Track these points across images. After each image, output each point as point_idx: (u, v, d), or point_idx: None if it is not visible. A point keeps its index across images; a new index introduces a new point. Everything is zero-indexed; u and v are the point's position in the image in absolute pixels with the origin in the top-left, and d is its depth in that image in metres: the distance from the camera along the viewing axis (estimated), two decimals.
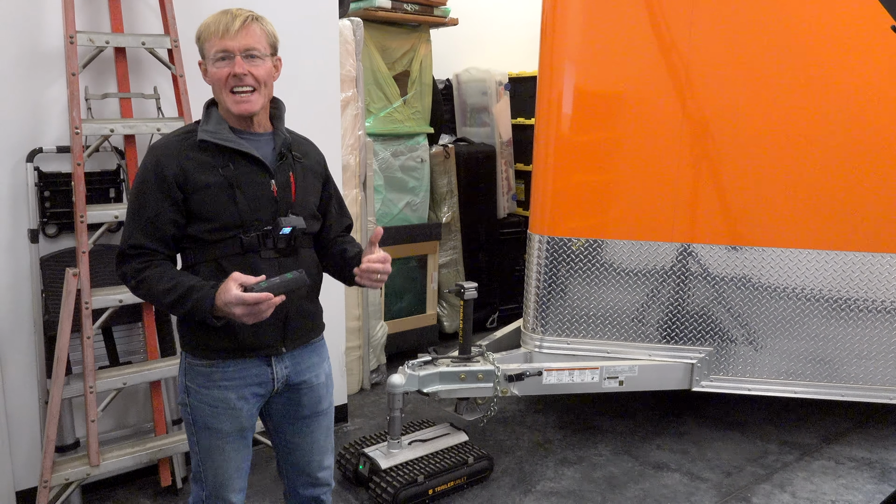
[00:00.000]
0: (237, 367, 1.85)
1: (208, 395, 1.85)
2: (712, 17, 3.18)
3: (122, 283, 2.85)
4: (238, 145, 1.78)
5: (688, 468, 3.30)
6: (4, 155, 2.70)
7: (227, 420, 1.87)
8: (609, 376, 3.33)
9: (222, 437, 1.87)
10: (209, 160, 1.76)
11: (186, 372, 1.87)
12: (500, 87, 5.24)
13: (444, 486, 3.00)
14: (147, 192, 1.74)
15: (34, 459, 2.82)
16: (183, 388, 1.89)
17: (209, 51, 1.75)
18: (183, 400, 1.90)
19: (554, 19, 3.30)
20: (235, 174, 1.77)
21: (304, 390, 1.96)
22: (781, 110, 3.21)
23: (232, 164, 1.77)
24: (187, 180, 1.74)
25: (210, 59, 1.76)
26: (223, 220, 1.77)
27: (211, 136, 1.76)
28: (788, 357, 3.36)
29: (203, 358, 1.84)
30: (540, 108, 3.38)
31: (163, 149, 1.76)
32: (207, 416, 1.86)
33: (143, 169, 1.77)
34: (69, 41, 2.63)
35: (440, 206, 4.82)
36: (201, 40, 1.77)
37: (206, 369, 1.84)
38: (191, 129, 1.81)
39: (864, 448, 3.49)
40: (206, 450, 1.89)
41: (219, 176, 1.75)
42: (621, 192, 3.36)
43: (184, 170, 1.74)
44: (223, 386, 1.84)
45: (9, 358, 2.76)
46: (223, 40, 1.73)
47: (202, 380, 1.85)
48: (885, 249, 3.24)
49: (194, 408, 1.86)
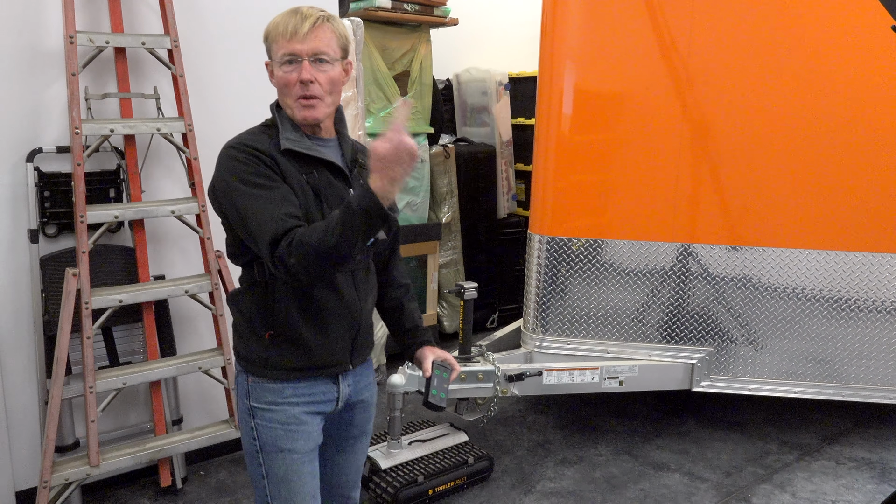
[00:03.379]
0: (307, 384, 1.72)
1: (280, 413, 1.70)
2: (712, 16, 3.18)
3: (122, 284, 2.87)
4: (321, 154, 1.66)
5: (688, 468, 3.30)
6: (4, 155, 2.70)
7: (302, 438, 1.72)
8: (609, 376, 3.32)
9: (299, 458, 1.72)
10: (293, 167, 1.62)
11: (250, 392, 1.71)
12: (500, 87, 5.24)
13: (444, 486, 3.00)
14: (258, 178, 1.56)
15: (34, 459, 2.82)
16: (246, 411, 1.72)
17: (276, 53, 1.62)
18: (246, 425, 1.73)
19: (554, 19, 3.30)
20: (318, 183, 1.64)
21: (358, 409, 1.86)
22: (781, 110, 3.21)
23: (315, 171, 1.65)
24: (283, 173, 1.60)
25: (276, 62, 1.63)
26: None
27: (294, 145, 1.62)
28: (788, 357, 3.36)
29: (273, 379, 1.70)
30: (540, 108, 3.38)
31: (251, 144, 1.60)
32: (280, 437, 1.70)
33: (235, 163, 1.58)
34: (69, 41, 2.63)
35: (440, 206, 4.82)
36: (269, 41, 1.64)
37: (275, 385, 1.69)
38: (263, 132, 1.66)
39: (865, 448, 3.49)
40: (280, 477, 1.72)
41: (305, 185, 1.62)
42: (621, 192, 3.36)
43: (278, 163, 1.60)
44: (294, 402, 1.71)
45: (9, 358, 2.76)
46: (291, 43, 1.59)
47: (272, 396, 1.69)
48: (885, 249, 3.24)
49: (262, 430, 1.70)
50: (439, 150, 4.75)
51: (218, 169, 1.62)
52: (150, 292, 2.84)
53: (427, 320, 4.71)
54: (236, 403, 1.78)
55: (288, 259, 1.48)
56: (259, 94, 3.10)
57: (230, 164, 1.59)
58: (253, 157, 1.58)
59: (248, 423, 1.72)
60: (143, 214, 2.84)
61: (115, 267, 2.92)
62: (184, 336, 3.14)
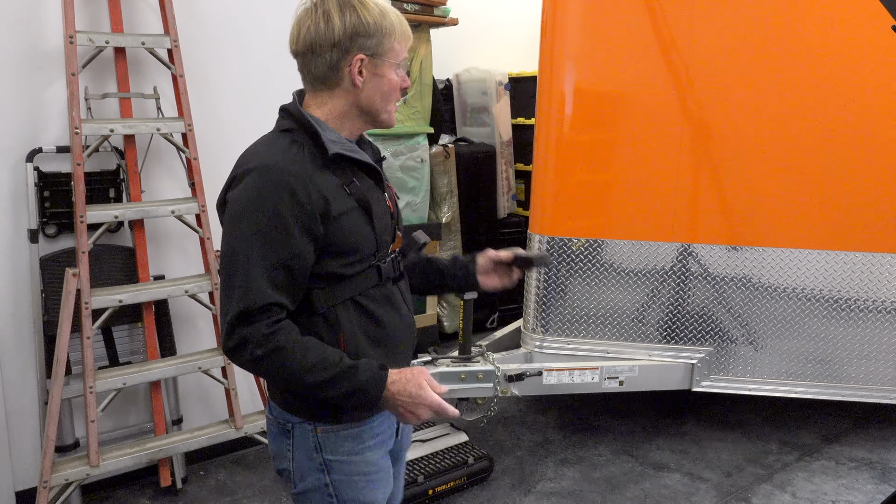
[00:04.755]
0: (378, 421, 1.53)
1: (361, 462, 1.50)
2: (712, 16, 3.18)
3: (122, 284, 2.87)
4: (364, 158, 1.48)
5: (688, 468, 3.30)
6: (4, 155, 2.70)
7: (382, 486, 1.56)
8: (609, 376, 3.32)
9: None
10: (336, 179, 1.41)
11: (322, 446, 1.47)
12: (500, 87, 5.24)
13: (444, 486, 3.00)
14: (280, 229, 1.33)
15: (34, 459, 2.82)
16: (318, 468, 1.48)
17: (399, 54, 1.46)
18: (317, 482, 1.49)
19: (554, 19, 3.30)
20: (363, 192, 1.45)
21: (405, 433, 1.71)
22: (781, 110, 3.20)
23: (356, 179, 1.45)
24: (329, 208, 1.37)
25: (391, 64, 1.45)
26: (364, 251, 1.45)
27: (343, 150, 1.42)
28: (788, 357, 3.36)
29: (348, 421, 1.48)
30: (540, 108, 3.38)
31: (290, 172, 1.35)
32: (361, 490, 1.51)
33: (268, 198, 1.33)
34: (69, 41, 2.63)
35: (440, 206, 4.82)
36: (388, 38, 1.43)
37: (355, 430, 1.49)
38: (292, 142, 1.42)
39: (865, 448, 3.49)
40: None
41: (348, 197, 1.42)
42: (621, 192, 3.36)
43: (324, 197, 1.37)
44: (372, 446, 1.52)
45: (9, 358, 2.76)
46: (408, 46, 1.48)
47: (351, 445, 1.49)
48: (885, 249, 3.24)
49: (341, 485, 1.49)
50: (439, 150, 4.75)
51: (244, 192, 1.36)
52: (150, 292, 2.84)
53: (427, 320, 4.71)
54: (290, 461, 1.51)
55: (253, 348, 1.31)
56: (259, 94, 3.12)
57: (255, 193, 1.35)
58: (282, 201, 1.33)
59: (321, 479, 1.49)
60: (143, 214, 2.84)
61: (115, 267, 2.92)
62: (184, 336, 3.14)
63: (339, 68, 1.42)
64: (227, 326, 1.33)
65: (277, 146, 1.41)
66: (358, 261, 1.45)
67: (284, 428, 1.50)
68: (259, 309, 1.32)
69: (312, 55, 1.42)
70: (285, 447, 1.51)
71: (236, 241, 1.35)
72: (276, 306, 1.34)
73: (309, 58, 1.43)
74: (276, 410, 1.52)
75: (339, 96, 1.46)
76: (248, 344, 1.31)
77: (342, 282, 1.43)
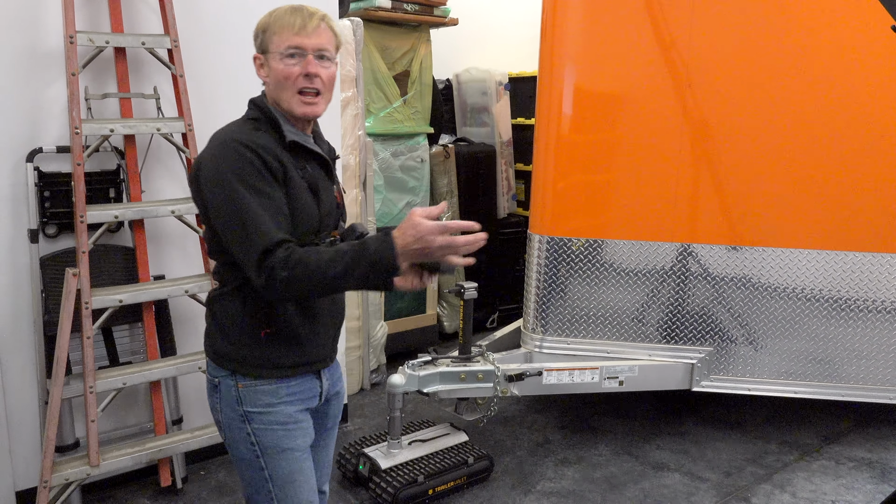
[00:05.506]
0: (298, 381, 1.72)
1: (278, 413, 1.68)
2: (712, 16, 3.18)
3: (122, 284, 2.87)
4: (317, 149, 1.70)
5: (688, 468, 3.30)
6: (4, 155, 2.70)
7: (301, 435, 1.73)
8: (609, 376, 3.32)
9: (300, 455, 1.73)
10: (293, 161, 1.63)
11: (242, 399, 1.67)
12: (500, 87, 5.24)
13: (444, 486, 3.00)
14: (264, 180, 1.54)
15: (34, 459, 2.82)
16: (239, 419, 1.67)
17: (279, 45, 1.61)
18: (240, 432, 1.68)
19: (554, 19, 3.30)
20: (313, 178, 1.66)
21: (333, 401, 1.89)
22: (781, 110, 3.21)
23: (308, 166, 1.66)
24: (287, 174, 1.59)
25: (277, 54, 1.61)
26: (305, 224, 1.63)
27: (299, 139, 1.64)
28: (788, 357, 3.36)
29: (268, 378, 1.67)
30: (540, 108, 3.38)
31: (253, 142, 1.56)
32: (281, 437, 1.69)
33: (241, 162, 1.54)
34: (69, 41, 2.63)
35: None
36: (268, 33, 1.63)
37: (270, 386, 1.67)
38: (256, 127, 1.63)
39: (865, 448, 3.49)
40: (284, 477, 1.70)
41: (301, 179, 1.63)
42: (621, 192, 3.36)
43: (283, 163, 1.58)
44: (289, 401, 1.70)
45: (9, 358, 2.76)
46: (298, 37, 1.60)
47: (268, 398, 1.67)
48: (885, 249, 3.24)
49: (261, 433, 1.68)
50: (439, 150, 4.75)
51: (216, 161, 1.56)
52: (150, 292, 2.84)
53: (427, 320, 4.71)
54: (219, 412, 1.71)
55: (279, 272, 1.46)
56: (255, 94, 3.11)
57: (235, 161, 1.54)
58: (259, 159, 1.54)
59: (243, 429, 1.68)
60: (143, 214, 2.84)
61: (115, 267, 2.92)
62: (184, 336, 3.14)
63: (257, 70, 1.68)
64: (255, 265, 1.48)
65: (240, 128, 1.62)
66: (301, 233, 1.60)
67: (214, 383, 1.71)
68: (275, 244, 1.48)
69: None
70: (216, 401, 1.71)
71: (229, 201, 1.52)
72: (286, 241, 1.50)
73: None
74: (210, 366, 1.72)
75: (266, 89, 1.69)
76: (276, 270, 1.47)
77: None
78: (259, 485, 1.71)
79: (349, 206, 3.90)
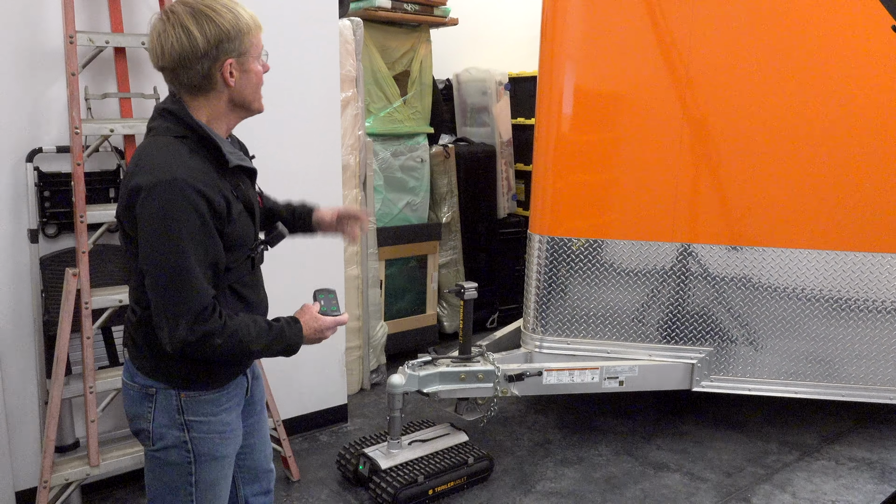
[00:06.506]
0: (234, 384, 1.76)
1: (217, 422, 1.71)
2: (712, 16, 3.18)
3: (122, 284, 2.87)
4: (251, 165, 1.71)
5: (688, 468, 3.30)
6: (4, 155, 2.70)
7: (233, 443, 1.77)
8: (609, 376, 3.32)
9: (228, 462, 1.77)
10: (229, 185, 1.61)
11: (185, 408, 1.66)
12: (500, 87, 5.24)
13: (444, 486, 3.00)
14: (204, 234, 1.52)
15: (34, 459, 2.82)
16: (179, 427, 1.66)
17: (255, 46, 1.59)
18: (175, 440, 1.66)
19: (554, 19, 3.30)
20: (247, 195, 1.67)
21: (255, 386, 1.91)
22: (782, 110, 3.21)
23: (241, 184, 1.66)
24: (230, 210, 1.57)
25: (253, 56, 1.60)
26: (247, 243, 1.67)
27: (238, 158, 1.62)
28: (788, 357, 3.36)
29: (212, 387, 1.69)
30: (540, 108, 3.38)
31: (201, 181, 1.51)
32: (216, 445, 1.71)
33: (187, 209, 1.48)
34: (69, 41, 2.62)
35: (440, 206, 4.82)
36: (244, 33, 1.57)
37: (213, 395, 1.70)
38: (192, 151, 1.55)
39: (865, 448, 3.49)
40: (209, 484, 1.73)
41: (237, 200, 1.62)
42: (621, 192, 3.36)
43: (227, 200, 1.56)
44: (228, 408, 1.74)
45: (9, 358, 2.76)
46: (260, 34, 1.60)
47: (210, 408, 1.69)
48: (885, 249, 3.24)
49: (198, 442, 1.68)
50: (439, 150, 4.75)
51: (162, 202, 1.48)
52: None
53: (427, 320, 4.71)
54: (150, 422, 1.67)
55: (216, 339, 1.52)
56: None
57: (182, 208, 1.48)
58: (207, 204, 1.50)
59: (180, 437, 1.67)
60: None
61: (115, 267, 2.92)
62: None
63: (212, 75, 1.56)
64: (187, 325, 1.50)
65: (179, 156, 1.52)
66: (241, 254, 1.66)
67: (147, 392, 1.67)
68: (209, 306, 1.52)
69: (182, 69, 1.56)
70: (146, 409, 1.67)
71: (173, 255, 1.49)
72: (214, 300, 1.55)
73: (179, 71, 1.56)
74: (139, 377, 1.68)
75: (215, 98, 1.60)
76: (212, 336, 1.53)
77: (227, 273, 1.63)
78: (180, 488, 1.71)
79: (350, 205, 3.90)
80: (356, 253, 4.00)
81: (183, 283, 1.50)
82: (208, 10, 1.53)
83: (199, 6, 1.54)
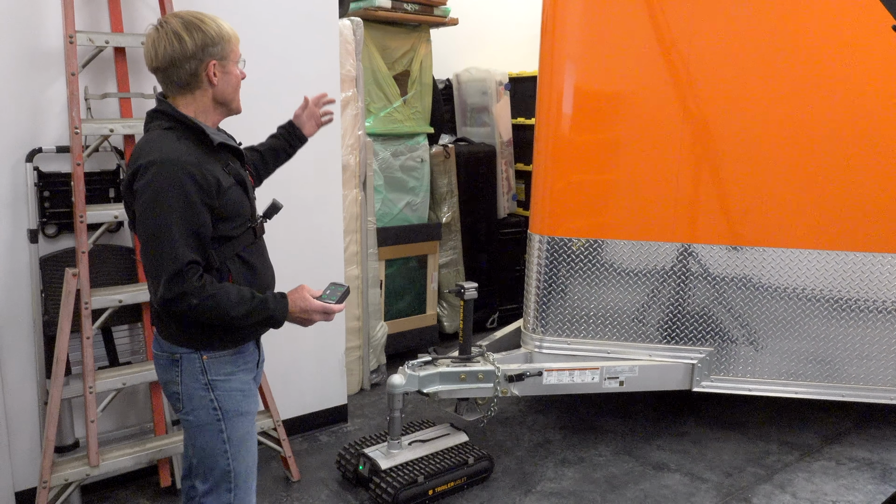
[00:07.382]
0: (248, 350, 1.96)
1: (237, 380, 1.92)
2: (713, 16, 3.18)
3: (122, 284, 2.87)
4: (235, 144, 1.95)
5: (688, 468, 3.30)
6: (4, 155, 2.70)
7: (253, 401, 1.98)
8: (609, 376, 3.32)
9: (251, 419, 1.97)
10: (218, 163, 1.85)
11: (207, 369, 1.88)
12: (500, 87, 5.24)
13: (444, 486, 3.00)
14: (189, 206, 1.74)
15: (34, 460, 2.82)
16: (203, 387, 1.87)
17: (236, 54, 1.89)
18: (203, 399, 1.88)
19: (554, 19, 3.30)
20: (237, 171, 1.91)
21: (260, 366, 2.09)
22: (782, 110, 3.21)
23: (230, 162, 1.90)
24: (220, 185, 1.81)
25: (233, 61, 1.89)
26: (243, 216, 1.90)
27: (223, 139, 1.87)
28: (789, 357, 3.36)
29: (228, 347, 1.89)
30: (540, 108, 3.38)
31: (188, 161, 1.75)
32: (239, 402, 1.92)
33: (173, 184, 1.73)
34: (69, 41, 2.63)
35: (440, 206, 4.82)
36: (225, 41, 1.86)
37: (231, 356, 1.90)
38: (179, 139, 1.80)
39: (865, 448, 3.49)
40: (240, 439, 1.93)
41: (228, 176, 1.86)
42: (621, 192, 3.36)
43: (216, 177, 1.80)
44: (245, 369, 1.95)
45: (9, 358, 2.76)
46: (238, 46, 1.90)
47: (229, 368, 1.90)
48: (885, 249, 3.24)
49: (223, 399, 1.89)
50: (439, 150, 4.75)
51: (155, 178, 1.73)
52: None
53: (427, 320, 4.71)
54: (179, 384, 1.88)
55: (191, 298, 1.71)
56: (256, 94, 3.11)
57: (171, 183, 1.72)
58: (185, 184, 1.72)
59: (207, 396, 1.88)
60: None
61: (114, 267, 2.92)
62: None
63: (198, 74, 1.83)
64: (165, 284, 1.71)
65: (168, 142, 1.78)
66: (240, 224, 1.88)
67: (173, 358, 1.88)
68: (185, 266, 1.71)
69: (173, 68, 1.81)
70: (174, 374, 1.89)
71: (157, 221, 1.72)
72: (194, 263, 1.74)
73: (171, 71, 1.82)
74: (165, 345, 1.89)
75: (201, 95, 1.86)
76: (187, 295, 1.72)
77: (231, 241, 1.86)
78: (216, 447, 1.90)
79: (350, 205, 3.90)
80: (356, 253, 4.00)
81: (163, 246, 1.71)
82: (196, 21, 1.82)
83: (188, 18, 1.82)
